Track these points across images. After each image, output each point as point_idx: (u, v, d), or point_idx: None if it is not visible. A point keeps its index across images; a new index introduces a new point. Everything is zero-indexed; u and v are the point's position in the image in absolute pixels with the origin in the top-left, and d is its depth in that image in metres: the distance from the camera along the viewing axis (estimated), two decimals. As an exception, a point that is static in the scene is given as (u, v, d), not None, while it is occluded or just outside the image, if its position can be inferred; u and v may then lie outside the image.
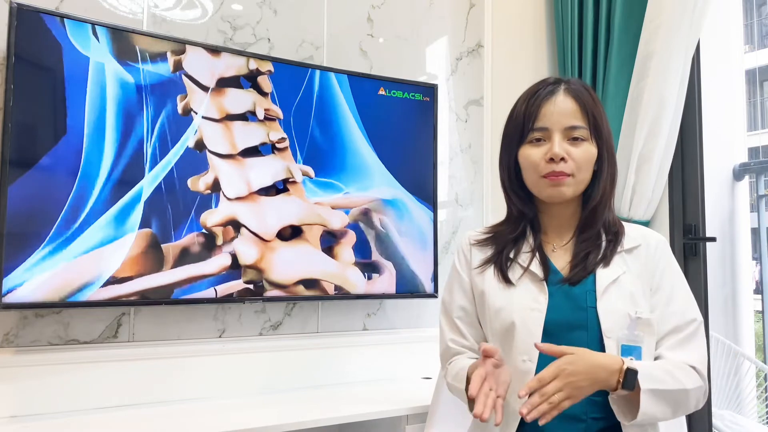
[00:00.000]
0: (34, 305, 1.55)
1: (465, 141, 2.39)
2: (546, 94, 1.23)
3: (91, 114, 1.61)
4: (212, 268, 1.77)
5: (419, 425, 1.73)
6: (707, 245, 2.12)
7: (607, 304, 1.18)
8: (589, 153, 1.22)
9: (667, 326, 1.19)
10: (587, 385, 1.05)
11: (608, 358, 1.08)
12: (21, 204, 1.51)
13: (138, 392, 1.74)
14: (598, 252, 1.22)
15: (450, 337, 1.32)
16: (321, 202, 1.95)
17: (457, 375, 1.25)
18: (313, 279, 1.93)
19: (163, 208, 1.70)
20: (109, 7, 1.77)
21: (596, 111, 1.23)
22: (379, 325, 2.17)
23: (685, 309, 1.21)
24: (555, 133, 1.21)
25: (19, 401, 1.59)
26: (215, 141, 1.79)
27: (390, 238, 2.06)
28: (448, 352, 1.32)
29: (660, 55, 1.99)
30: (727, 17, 3.32)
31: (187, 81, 1.75)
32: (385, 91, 2.08)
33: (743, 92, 3.65)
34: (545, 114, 1.22)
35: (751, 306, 3.31)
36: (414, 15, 2.31)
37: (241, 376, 1.89)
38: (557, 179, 1.20)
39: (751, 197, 3.72)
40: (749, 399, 3.10)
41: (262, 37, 2.00)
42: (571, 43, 2.35)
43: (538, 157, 1.21)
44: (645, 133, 2.03)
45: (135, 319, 1.77)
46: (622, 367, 1.07)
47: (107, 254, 1.62)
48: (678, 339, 1.18)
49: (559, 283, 1.22)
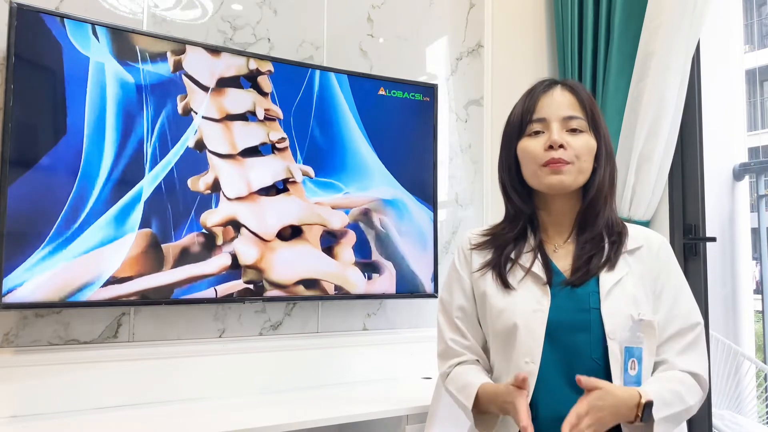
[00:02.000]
0: (34, 305, 1.55)
1: (465, 141, 2.39)
2: (543, 89, 1.25)
3: (91, 114, 1.61)
4: (212, 268, 1.77)
5: (419, 425, 1.73)
6: (707, 245, 2.12)
7: (610, 306, 1.17)
8: (588, 143, 1.22)
9: (671, 330, 1.19)
10: (611, 420, 1.09)
11: (627, 392, 1.10)
12: (21, 204, 1.51)
13: (138, 392, 1.74)
14: (601, 255, 1.22)
15: (450, 336, 1.30)
16: (321, 202, 1.95)
17: (464, 390, 1.23)
18: (313, 279, 1.93)
19: (163, 208, 1.70)
20: (109, 7, 1.77)
21: (594, 107, 1.24)
22: (379, 325, 2.17)
23: (688, 313, 1.21)
24: (553, 122, 1.21)
25: (19, 401, 1.59)
26: (215, 141, 1.79)
27: (390, 238, 2.06)
28: (449, 352, 1.31)
29: (660, 55, 1.99)
30: (727, 17, 3.32)
31: (187, 81, 1.75)
32: (385, 91, 2.08)
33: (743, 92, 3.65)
34: (543, 106, 1.23)
35: (751, 306, 3.31)
36: (414, 15, 2.31)
37: (241, 376, 1.89)
38: (557, 166, 1.19)
39: (751, 197, 3.72)
40: (749, 399, 3.10)
41: (262, 37, 2.00)
42: (571, 43, 2.35)
43: (537, 147, 1.21)
44: (645, 133, 2.03)
45: (135, 319, 1.77)
46: (640, 402, 1.09)
47: (107, 254, 1.62)
48: (683, 344, 1.19)
49: (561, 285, 1.21)
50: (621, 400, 1.08)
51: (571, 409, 1.05)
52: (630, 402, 1.09)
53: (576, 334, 1.17)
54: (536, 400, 1.17)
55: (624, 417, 1.09)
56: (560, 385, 1.17)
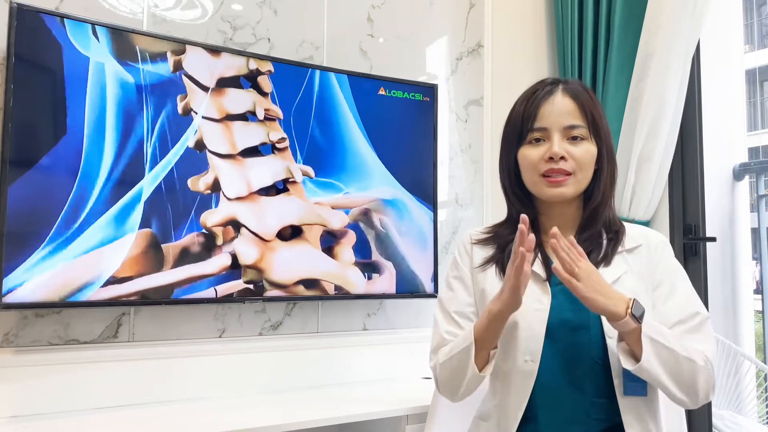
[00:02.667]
0: (34, 305, 1.55)
1: (465, 141, 2.39)
2: (544, 95, 1.23)
3: (91, 114, 1.61)
4: (212, 268, 1.77)
5: (419, 425, 1.73)
6: (707, 245, 2.12)
7: None
8: (589, 152, 1.22)
9: (671, 321, 1.17)
10: (601, 296, 1.07)
11: (617, 290, 1.11)
12: (21, 204, 1.51)
13: (138, 392, 1.74)
14: (599, 251, 1.22)
15: (446, 329, 1.26)
16: (321, 202, 1.95)
17: (457, 342, 1.20)
18: (313, 279, 1.93)
19: (163, 208, 1.70)
20: (109, 7, 1.77)
21: (595, 110, 1.23)
22: (379, 325, 2.17)
23: (685, 303, 1.19)
24: (554, 132, 1.20)
25: (19, 401, 1.59)
26: (215, 141, 1.78)
27: (390, 238, 2.06)
28: (443, 344, 1.26)
29: (660, 55, 1.99)
30: (727, 17, 3.31)
31: (187, 81, 1.75)
32: (385, 91, 2.08)
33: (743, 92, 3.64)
34: (544, 114, 1.22)
35: (751, 306, 3.31)
36: (414, 15, 2.31)
37: (241, 376, 1.89)
38: (557, 180, 1.20)
39: (751, 197, 3.72)
40: (749, 399, 3.10)
41: (262, 37, 2.00)
42: (571, 43, 2.35)
43: (537, 157, 1.21)
44: (645, 133, 2.03)
45: (135, 319, 1.77)
46: (630, 300, 1.08)
47: (107, 254, 1.62)
48: (683, 329, 1.16)
49: (561, 284, 1.21)
50: (612, 290, 1.09)
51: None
52: (621, 295, 1.09)
53: (576, 333, 1.17)
54: (536, 399, 1.17)
55: (613, 306, 1.07)
56: (560, 384, 1.17)
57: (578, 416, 1.16)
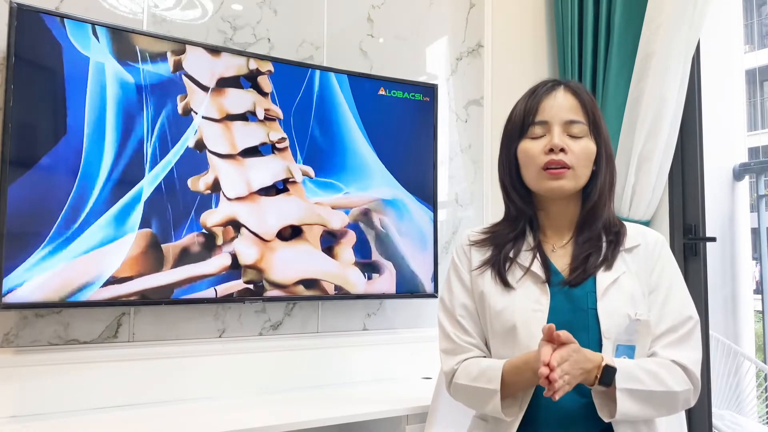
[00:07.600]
0: (34, 305, 1.55)
1: (465, 141, 2.39)
2: (546, 90, 1.25)
3: (91, 114, 1.61)
4: (212, 268, 1.77)
5: (419, 425, 1.73)
6: (707, 245, 2.12)
7: (606, 306, 1.18)
8: (589, 149, 1.22)
9: (664, 325, 1.19)
10: (579, 375, 1.08)
11: (593, 354, 1.11)
12: (21, 204, 1.51)
13: (138, 392, 1.74)
14: (598, 254, 1.22)
15: (452, 331, 1.28)
16: (321, 202, 1.95)
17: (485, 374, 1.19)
18: (313, 279, 1.93)
19: (163, 208, 1.70)
20: (109, 7, 1.77)
21: (595, 111, 1.25)
22: (379, 325, 2.17)
23: (681, 308, 1.20)
24: (555, 126, 1.21)
25: (19, 401, 1.59)
26: (215, 141, 1.79)
27: (390, 238, 2.06)
28: (457, 348, 1.27)
29: (660, 55, 1.99)
30: (727, 17, 3.32)
31: (187, 81, 1.75)
32: (385, 91, 2.08)
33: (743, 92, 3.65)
34: (545, 108, 1.23)
35: (751, 306, 3.32)
36: (414, 15, 2.31)
37: (241, 376, 1.89)
38: (557, 172, 1.20)
39: (751, 197, 3.72)
40: (749, 399, 3.10)
41: (262, 37, 2.00)
42: (571, 43, 2.35)
43: (538, 149, 1.22)
44: (645, 133, 2.03)
45: (135, 319, 1.77)
46: (601, 363, 1.09)
47: (107, 254, 1.62)
48: (673, 338, 1.18)
49: (559, 285, 1.21)
50: (587, 358, 1.08)
51: (552, 355, 1.04)
52: (594, 361, 1.09)
53: (575, 335, 1.17)
54: (536, 399, 1.17)
55: (587, 375, 1.09)
56: (560, 385, 1.17)
57: (577, 417, 1.16)
